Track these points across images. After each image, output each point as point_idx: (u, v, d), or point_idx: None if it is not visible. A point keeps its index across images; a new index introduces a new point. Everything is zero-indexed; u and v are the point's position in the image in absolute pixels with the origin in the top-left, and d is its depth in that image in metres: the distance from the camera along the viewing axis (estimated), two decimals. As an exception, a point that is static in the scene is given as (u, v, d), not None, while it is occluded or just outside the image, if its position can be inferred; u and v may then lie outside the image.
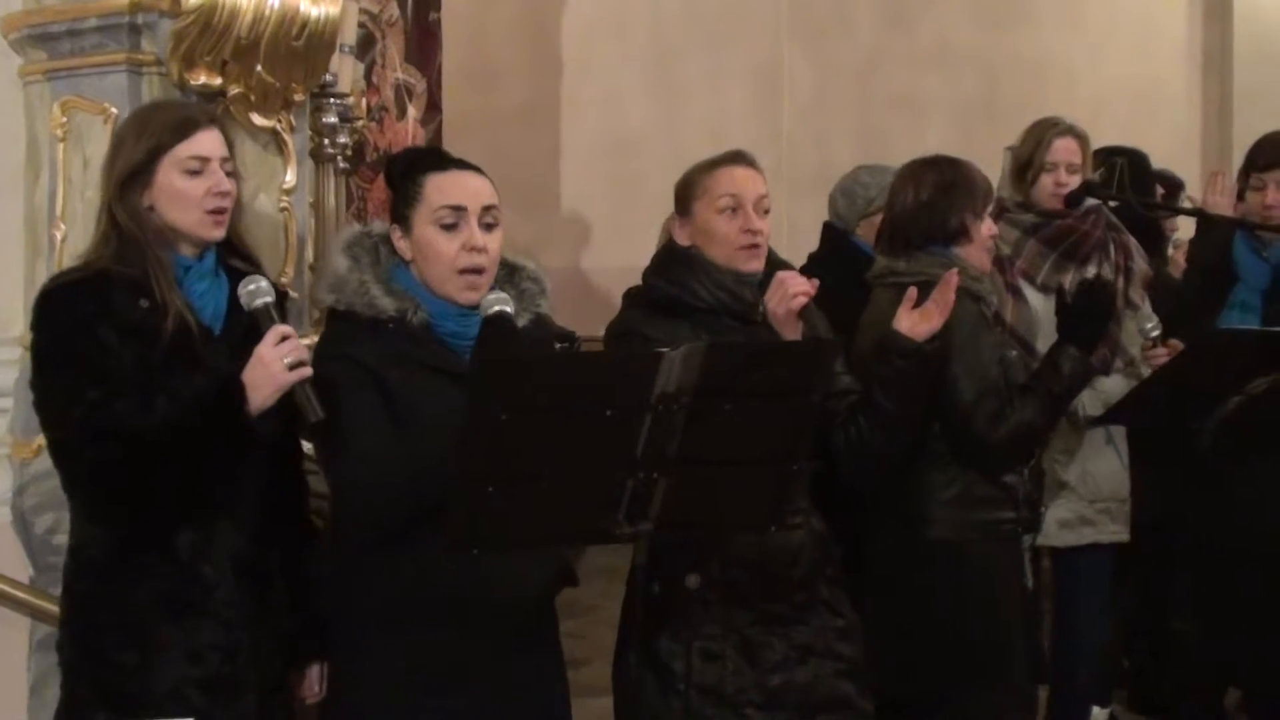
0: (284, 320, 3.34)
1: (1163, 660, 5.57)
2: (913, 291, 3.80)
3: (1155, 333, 4.66)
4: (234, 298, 3.36)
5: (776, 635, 3.77)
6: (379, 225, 3.52)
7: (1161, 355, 4.63)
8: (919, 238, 4.19)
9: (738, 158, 3.90)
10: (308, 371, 3.20)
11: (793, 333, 3.72)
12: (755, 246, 3.79)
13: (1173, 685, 5.34)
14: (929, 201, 4.19)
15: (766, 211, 3.84)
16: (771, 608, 3.76)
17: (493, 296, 3.34)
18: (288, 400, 3.21)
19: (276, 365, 3.17)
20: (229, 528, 3.35)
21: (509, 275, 3.51)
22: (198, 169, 3.36)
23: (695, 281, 3.78)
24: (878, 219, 4.71)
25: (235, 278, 3.39)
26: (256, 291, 3.29)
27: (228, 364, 3.25)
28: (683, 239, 3.87)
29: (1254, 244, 4.78)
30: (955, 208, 4.19)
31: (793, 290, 3.69)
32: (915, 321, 3.79)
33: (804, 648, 3.79)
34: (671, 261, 3.87)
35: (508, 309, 3.32)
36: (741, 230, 3.78)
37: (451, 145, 7.21)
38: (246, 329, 3.31)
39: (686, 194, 3.89)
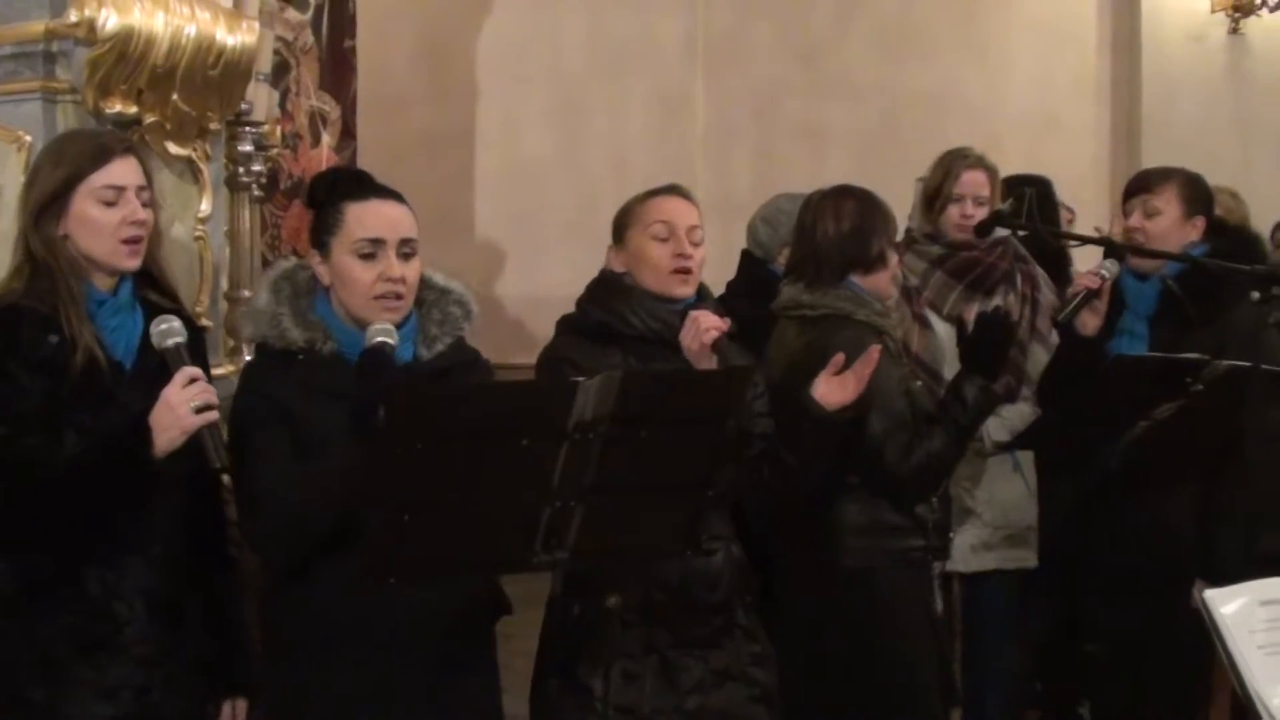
0: (197, 360, 3.33)
1: (1077, 683, 5.63)
2: (839, 358, 3.84)
3: (1107, 271, 4.68)
4: (149, 331, 3.33)
5: (695, 658, 3.81)
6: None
7: (1090, 281, 4.66)
8: (842, 266, 4.24)
9: (673, 189, 3.99)
10: (214, 416, 3.18)
11: (706, 366, 3.76)
12: (686, 271, 3.85)
13: (1093, 708, 5.40)
14: (852, 230, 4.24)
15: (699, 242, 3.90)
16: (691, 630, 3.80)
17: (378, 327, 3.33)
18: (195, 443, 3.18)
19: (182, 409, 3.15)
20: (140, 564, 3.34)
21: (438, 298, 3.53)
22: (113, 199, 3.34)
23: (628, 309, 3.83)
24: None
25: (152, 311, 3.37)
26: (168, 332, 3.27)
27: (139, 401, 3.23)
28: (617, 266, 3.93)
29: (1138, 271, 4.84)
30: (876, 234, 4.26)
31: (705, 325, 3.71)
32: (831, 390, 3.84)
33: (721, 672, 3.83)
34: (605, 288, 3.92)
35: (390, 341, 3.31)
36: (673, 255, 3.84)
37: (365, 172, 7.21)
38: (160, 364, 3.28)
39: (622, 222, 3.96)
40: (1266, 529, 4.55)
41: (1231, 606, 2.54)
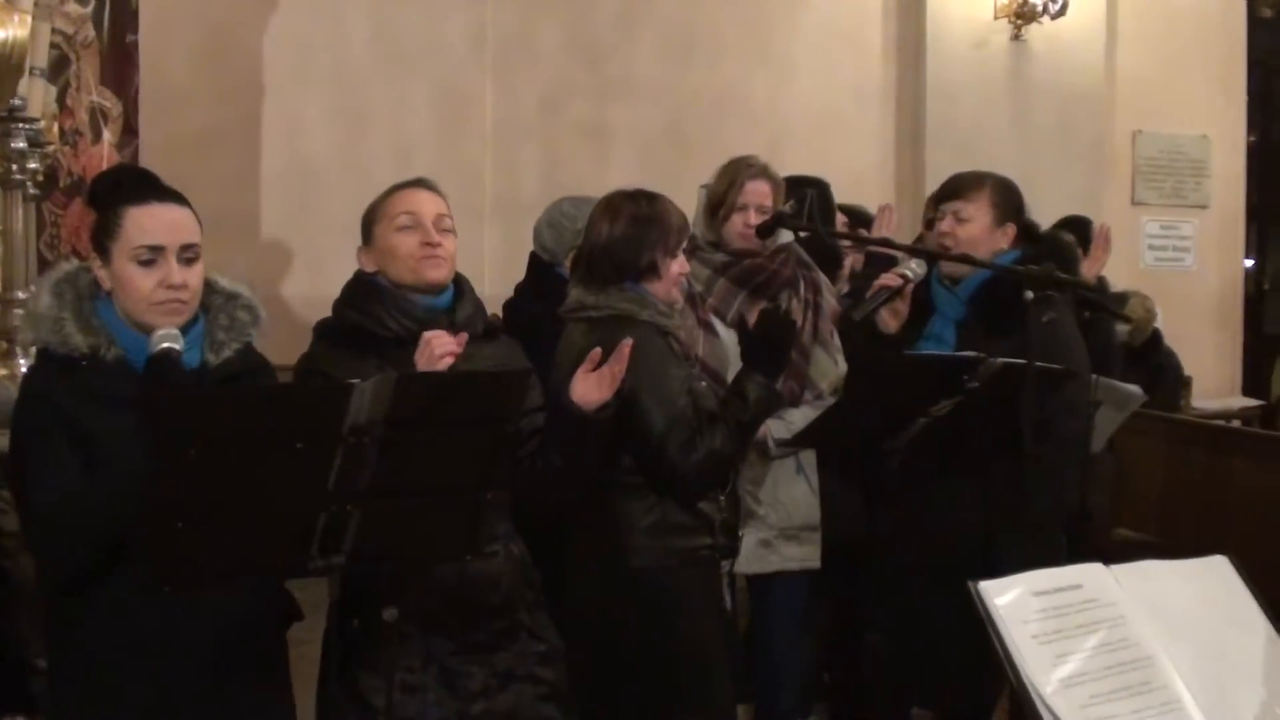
0: None
1: (858, 674, 5.71)
2: (595, 353, 3.84)
3: (911, 271, 4.76)
4: None
5: (477, 663, 3.79)
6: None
7: (890, 280, 4.75)
8: (612, 272, 4.25)
9: (416, 182, 3.97)
10: None
11: None
12: (436, 257, 3.83)
13: (865, 699, 5.48)
14: (622, 237, 4.25)
15: (448, 230, 3.89)
16: (471, 636, 3.78)
17: (162, 334, 3.29)
18: None
19: None
20: None
21: (224, 303, 3.48)
22: None
23: (384, 311, 3.80)
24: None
25: None
26: None
27: None
28: (369, 266, 3.90)
29: (945, 278, 4.90)
30: (647, 245, 4.26)
31: (439, 351, 3.65)
32: (589, 389, 3.83)
33: (505, 674, 3.83)
34: (359, 291, 3.89)
35: (176, 346, 3.28)
36: (420, 243, 3.82)
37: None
38: None
39: (369, 220, 3.94)
40: (1043, 524, 4.65)
41: (1006, 598, 2.58)
